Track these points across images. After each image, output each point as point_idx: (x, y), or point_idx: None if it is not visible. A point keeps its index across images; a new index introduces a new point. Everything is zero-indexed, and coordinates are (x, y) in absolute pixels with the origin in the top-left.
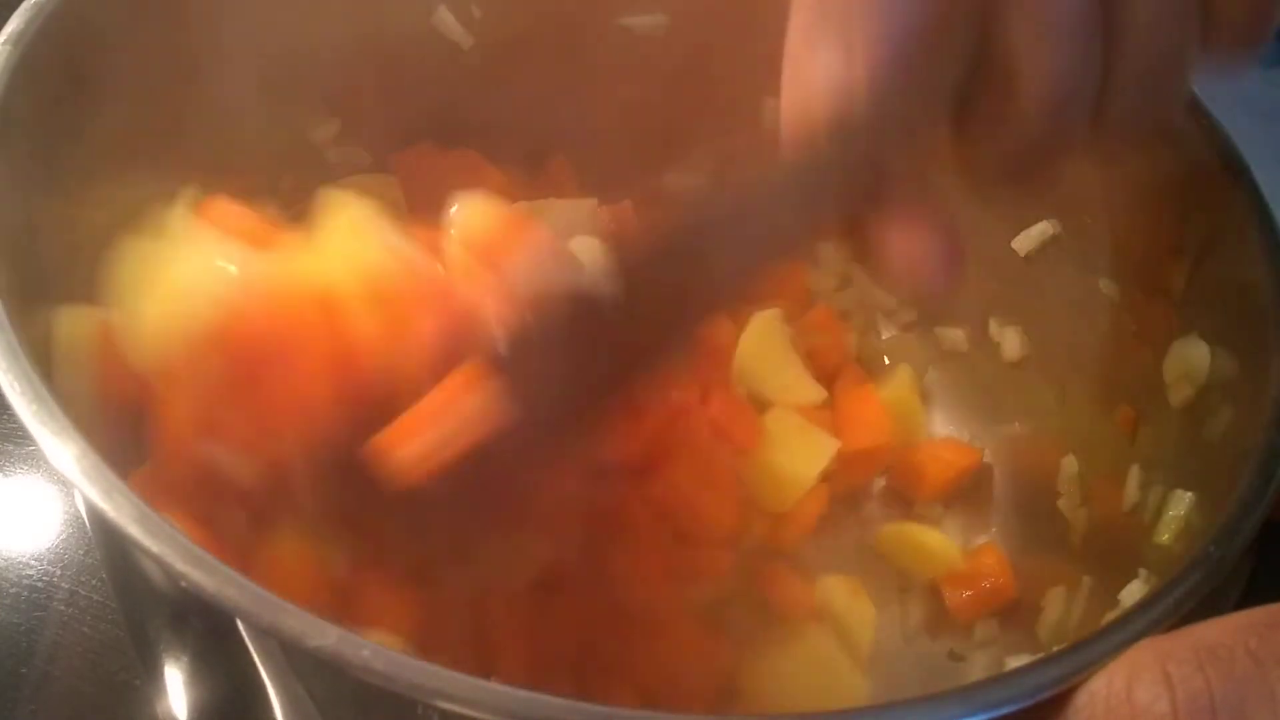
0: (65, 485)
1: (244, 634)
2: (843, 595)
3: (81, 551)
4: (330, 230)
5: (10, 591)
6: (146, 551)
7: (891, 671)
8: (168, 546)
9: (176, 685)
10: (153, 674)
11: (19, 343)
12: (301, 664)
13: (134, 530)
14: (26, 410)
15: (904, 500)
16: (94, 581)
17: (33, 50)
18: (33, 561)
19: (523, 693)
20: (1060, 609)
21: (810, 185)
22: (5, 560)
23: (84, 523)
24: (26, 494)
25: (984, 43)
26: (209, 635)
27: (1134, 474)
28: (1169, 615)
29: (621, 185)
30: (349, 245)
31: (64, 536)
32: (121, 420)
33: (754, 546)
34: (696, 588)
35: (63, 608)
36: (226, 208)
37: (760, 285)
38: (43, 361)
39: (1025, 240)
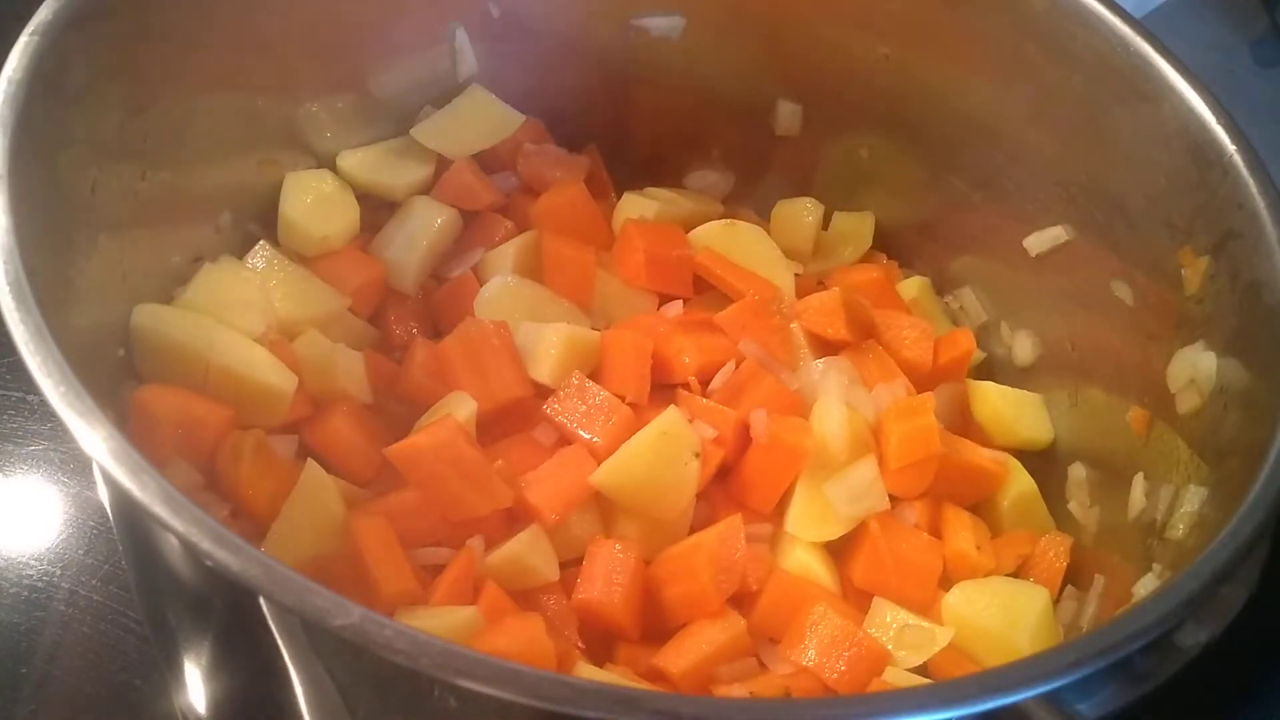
0: (66, 485)
1: (267, 616)
2: None
3: (81, 551)
4: None
5: (10, 591)
6: (173, 531)
7: None
8: (194, 526)
9: (195, 672)
10: (171, 661)
11: (48, 328)
12: (324, 645)
13: (160, 510)
14: (54, 393)
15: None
16: (94, 581)
17: (60, 40)
18: (33, 561)
19: (539, 673)
20: (1074, 607)
21: None
22: (5, 560)
23: (84, 523)
24: (26, 494)
25: None
26: (231, 619)
27: (1139, 483)
28: (1182, 607)
29: (646, 178)
30: None
31: (64, 536)
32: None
33: None
34: None
35: (63, 608)
36: None
37: None
38: (69, 346)
39: (1037, 241)
